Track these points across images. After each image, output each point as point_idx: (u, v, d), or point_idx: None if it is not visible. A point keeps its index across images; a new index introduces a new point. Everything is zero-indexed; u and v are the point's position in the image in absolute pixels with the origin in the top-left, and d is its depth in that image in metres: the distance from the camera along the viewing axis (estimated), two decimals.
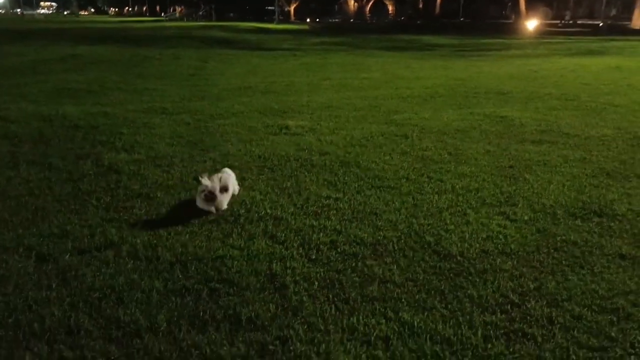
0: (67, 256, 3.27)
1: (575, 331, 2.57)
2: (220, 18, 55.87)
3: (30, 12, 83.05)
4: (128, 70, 12.89)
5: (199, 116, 7.49)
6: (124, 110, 7.81)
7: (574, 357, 2.39)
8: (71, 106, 7.97)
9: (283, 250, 3.42)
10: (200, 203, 3.94)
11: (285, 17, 55.81)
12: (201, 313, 2.70)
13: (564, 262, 3.26)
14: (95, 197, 4.29)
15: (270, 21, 48.51)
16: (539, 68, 13.96)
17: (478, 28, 38.27)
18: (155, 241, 3.49)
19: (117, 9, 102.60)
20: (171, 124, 6.97)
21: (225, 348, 2.43)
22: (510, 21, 44.69)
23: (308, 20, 53.46)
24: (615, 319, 2.67)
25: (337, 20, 56.60)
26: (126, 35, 27.23)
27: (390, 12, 61.36)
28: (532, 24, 35.02)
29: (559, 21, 43.75)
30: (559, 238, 3.58)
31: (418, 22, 48.50)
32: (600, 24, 39.22)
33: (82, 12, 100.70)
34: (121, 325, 2.60)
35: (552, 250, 3.41)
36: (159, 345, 2.45)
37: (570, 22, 43.78)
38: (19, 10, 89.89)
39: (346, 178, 4.83)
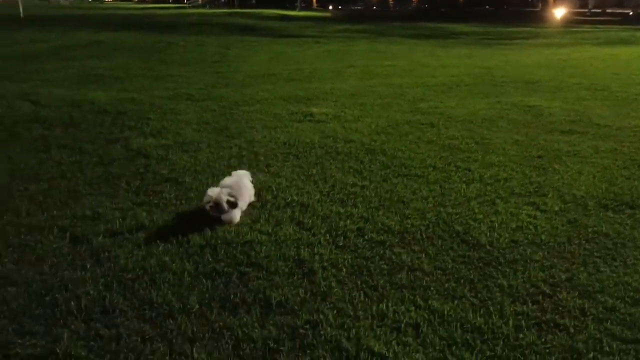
0: (100, 238, 3.34)
1: (609, 323, 2.54)
2: (243, 5, 55.84)
3: None
4: (152, 56, 12.98)
5: (224, 103, 7.52)
6: (150, 96, 7.88)
7: (607, 348, 2.36)
8: (98, 92, 8.08)
9: (310, 236, 3.43)
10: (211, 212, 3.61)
11: (307, 5, 55.51)
12: (232, 296, 2.74)
13: (595, 253, 3.22)
14: (125, 180, 4.36)
15: (293, 8, 48.31)
16: (567, 57, 13.68)
17: (503, 16, 37.60)
18: (184, 225, 3.54)
19: None
20: (197, 110, 7.02)
21: (256, 330, 2.46)
22: (537, 9, 43.77)
23: (330, 7, 53.10)
24: None
25: (359, 7, 56.11)
26: (149, 22, 27.41)
27: None
28: (559, 12, 34.24)
29: (586, 9, 42.70)
30: (590, 229, 3.53)
31: (442, 9, 47.82)
32: (630, 13, 38.18)
33: None
34: (154, 306, 2.65)
35: (584, 242, 3.36)
36: (192, 326, 2.50)
37: (599, 10, 42.67)
38: None
39: (372, 166, 4.82)
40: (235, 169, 4.67)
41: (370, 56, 14.05)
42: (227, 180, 3.79)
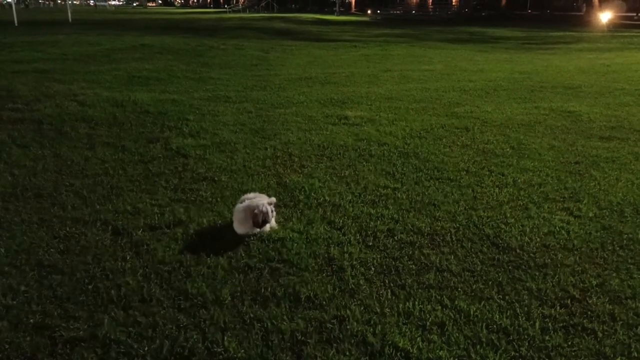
0: (140, 231, 3.50)
1: (639, 329, 2.51)
2: (282, 9, 56.46)
3: (102, 3, 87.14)
4: (193, 59, 13.33)
5: (261, 105, 7.68)
6: (190, 97, 8.12)
7: (635, 354, 2.34)
8: (142, 93, 8.37)
9: (341, 235, 3.50)
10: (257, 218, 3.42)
11: (346, 9, 55.68)
12: (262, 290, 2.84)
13: (629, 260, 3.17)
14: (164, 178, 4.53)
15: (331, 13, 48.55)
16: (611, 62, 13.31)
17: (546, 20, 36.78)
18: (220, 221, 3.67)
19: (182, 1, 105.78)
20: (234, 112, 7.20)
21: (285, 323, 2.55)
22: (581, 13, 42.62)
23: (369, 11, 53.07)
24: None
25: (398, 12, 55.87)
26: (191, 26, 28.07)
27: (453, 3, 59.92)
28: (605, 16, 33.26)
29: (635, 14, 41.28)
30: (625, 236, 3.48)
31: (483, 14, 47.14)
32: None
33: (150, 4, 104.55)
34: (189, 297, 2.77)
35: (618, 248, 3.32)
36: (224, 316, 2.60)
37: None
38: (91, 1, 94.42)
39: (404, 169, 4.85)
40: (270, 169, 4.81)
41: (407, 60, 14.02)
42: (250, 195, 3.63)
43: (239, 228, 3.44)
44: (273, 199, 3.52)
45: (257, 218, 3.36)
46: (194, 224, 3.62)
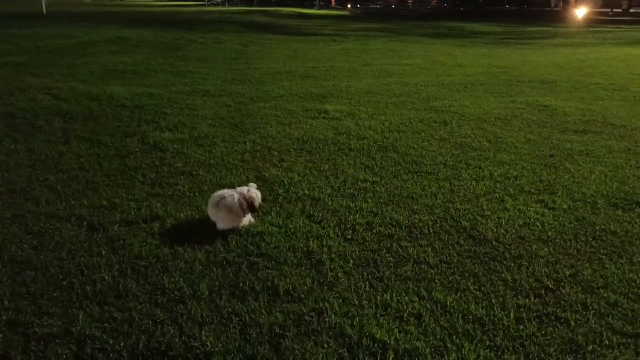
0: (116, 226, 3.46)
1: (610, 317, 2.57)
2: (261, 3, 56.09)
3: None
4: (172, 53, 13.17)
5: (240, 99, 7.63)
6: (168, 91, 8.03)
7: (607, 342, 2.40)
8: (118, 86, 8.25)
9: (320, 229, 3.51)
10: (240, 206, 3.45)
11: (326, 3, 55.54)
12: (241, 284, 2.83)
13: (602, 250, 3.24)
14: (141, 173, 4.48)
15: (311, 6, 48.38)
16: (586, 57, 13.54)
17: (524, 15, 37.19)
18: (197, 216, 3.64)
19: None
20: (213, 105, 7.14)
21: (263, 316, 2.55)
22: (558, 9, 43.22)
23: (349, 6, 53.04)
24: None
25: (378, 6, 55.96)
26: (170, 19, 27.70)
27: None
28: (581, 12, 33.79)
29: (609, 9, 42.00)
30: (598, 227, 3.55)
31: (462, 9, 47.47)
32: None
33: None
34: (166, 292, 2.75)
35: (591, 239, 3.38)
36: (202, 311, 2.59)
37: (622, 10, 41.95)
38: None
39: (383, 162, 4.87)
40: (249, 163, 4.79)
41: (387, 55, 14.06)
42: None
43: (221, 224, 3.42)
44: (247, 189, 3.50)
45: (242, 207, 3.38)
46: (171, 219, 3.59)
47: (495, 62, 12.60)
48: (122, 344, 2.35)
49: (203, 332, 2.43)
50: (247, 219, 3.51)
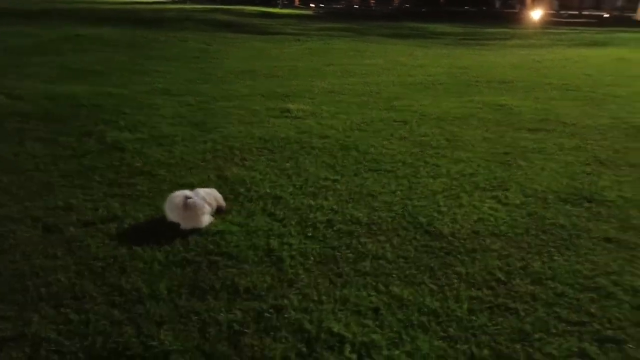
0: (72, 228, 3.41)
1: (557, 307, 2.69)
2: (225, 1, 55.54)
3: None
4: (132, 51, 12.93)
5: (202, 98, 7.58)
6: (128, 90, 7.90)
7: (553, 330, 2.51)
8: (76, 85, 8.06)
9: (281, 227, 3.54)
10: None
11: (289, 2, 55.45)
12: (200, 283, 2.83)
13: (551, 243, 3.38)
14: (99, 173, 4.41)
15: (274, 6, 48.20)
16: (542, 58, 13.97)
17: (483, 17, 38.05)
18: (157, 215, 3.61)
19: None
20: (174, 105, 7.07)
21: (223, 314, 2.56)
22: (516, 11, 44.39)
23: (312, 5, 53.12)
24: (596, 296, 2.80)
25: (341, 6, 56.23)
26: (131, 17, 27.10)
27: None
28: (536, 13, 34.83)
29: (564, 11, 43.42)
30: (547, 221, 3.70)
31: (423, 9, 48.20)
32: (606, 15, 38.95)
33: None
34: (124, 292, 2.73)
35: (540, 233, 3.53)
36: (160, 310, 2.59)
37: (576, 12, 43.46)
38: None
39: (345, 161, 4.94)
40: (210, 163, 4.78)
41: (350, 55, 14.18)
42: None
43: (187, 223, 3.42)
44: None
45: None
46: (130, 219, 3.56)
47: (455, 62, 12.87)
48: (78, 345, 2.32)
49: (161, 332, 2.43)
50: (209, 218, 3.52)
